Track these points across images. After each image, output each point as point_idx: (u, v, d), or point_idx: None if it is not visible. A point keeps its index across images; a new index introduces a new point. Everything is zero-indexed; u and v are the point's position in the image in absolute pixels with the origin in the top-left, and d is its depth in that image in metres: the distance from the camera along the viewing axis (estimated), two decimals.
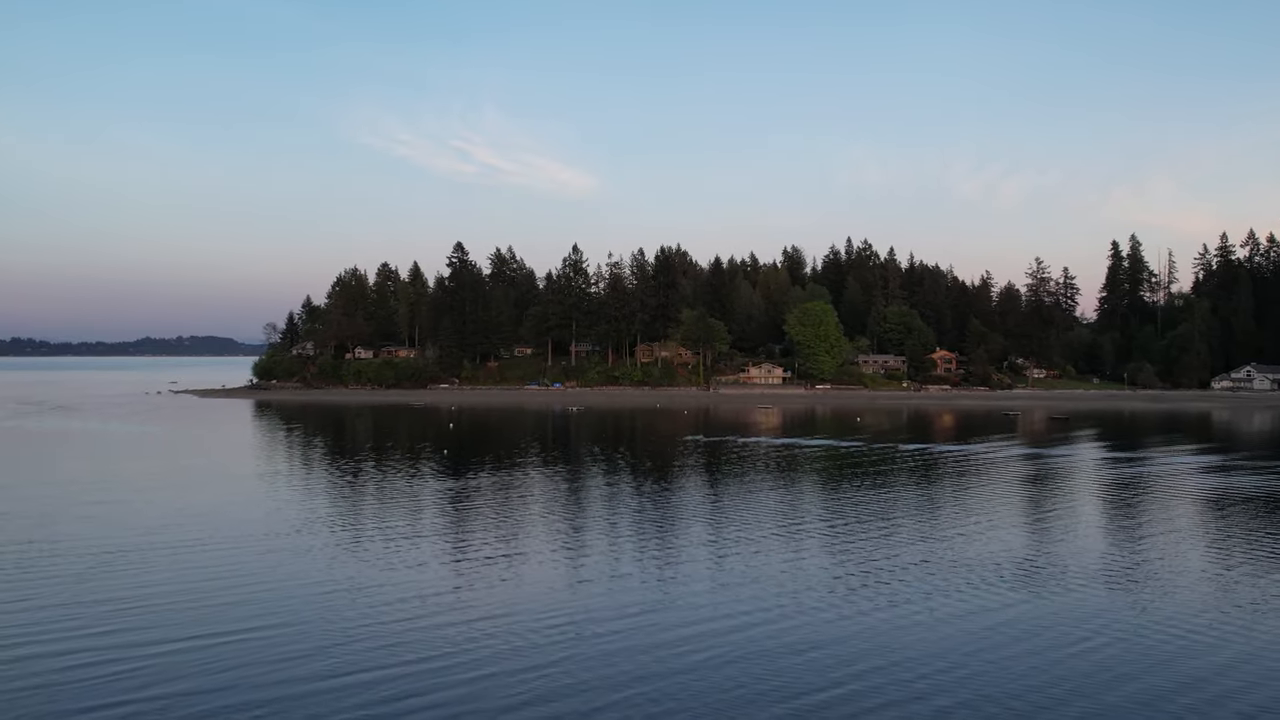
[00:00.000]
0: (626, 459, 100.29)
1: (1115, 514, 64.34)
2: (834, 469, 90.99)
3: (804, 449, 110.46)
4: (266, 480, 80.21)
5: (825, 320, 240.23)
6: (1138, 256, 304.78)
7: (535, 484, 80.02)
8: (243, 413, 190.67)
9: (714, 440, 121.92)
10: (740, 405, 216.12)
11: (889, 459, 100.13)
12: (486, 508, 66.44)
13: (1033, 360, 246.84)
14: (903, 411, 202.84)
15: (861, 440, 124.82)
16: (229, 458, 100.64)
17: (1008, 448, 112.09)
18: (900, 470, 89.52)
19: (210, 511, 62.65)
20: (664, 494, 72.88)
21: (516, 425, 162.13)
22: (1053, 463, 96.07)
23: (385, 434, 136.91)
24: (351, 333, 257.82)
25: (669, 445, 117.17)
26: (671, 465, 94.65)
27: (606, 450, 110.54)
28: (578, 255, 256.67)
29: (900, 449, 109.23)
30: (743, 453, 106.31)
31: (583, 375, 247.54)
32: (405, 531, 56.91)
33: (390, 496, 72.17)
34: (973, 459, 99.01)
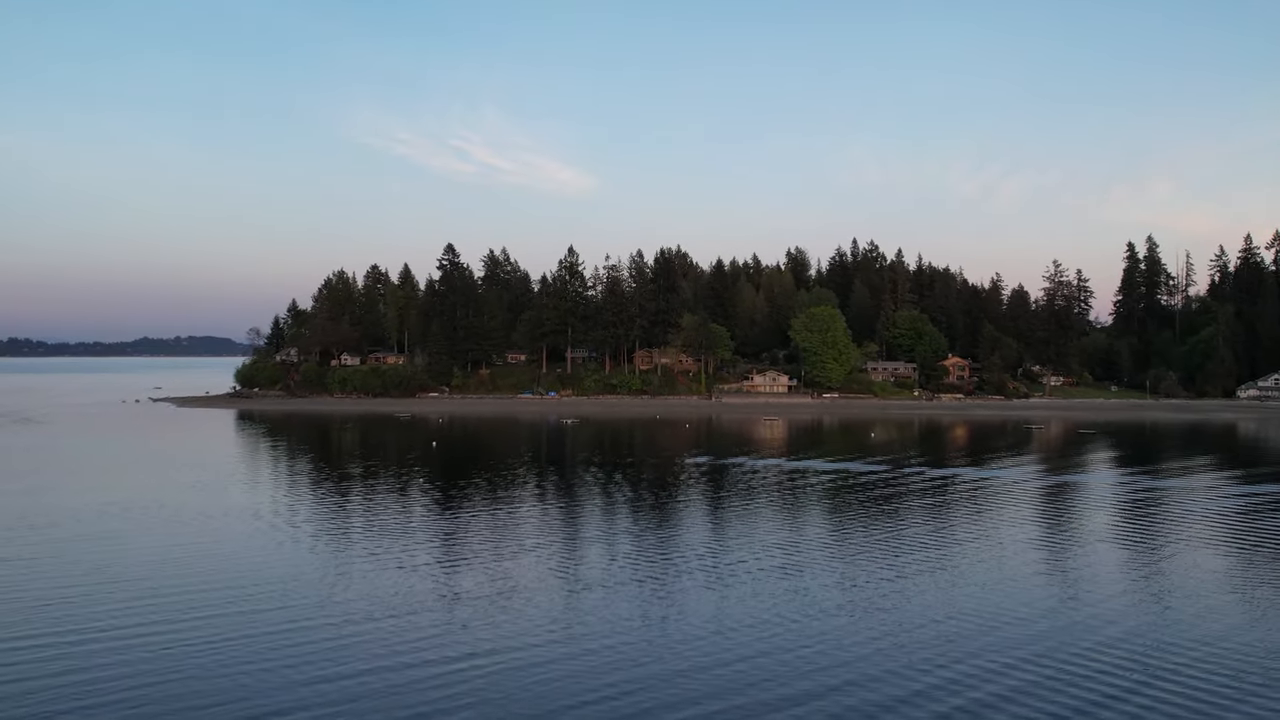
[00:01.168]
0: (623, 489, 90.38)
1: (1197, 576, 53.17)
2: (847, 503, 79.90)
3: (813, 476, 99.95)
4: (220, 522, 69.66)
5: (833, 326, 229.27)
6: (1154, 258, 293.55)
7: (522, 520, 71.99)
8: (216, 425, 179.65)
9: (716, 464, 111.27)
10: (744, 415, 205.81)
11: (908, 488, 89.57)
12: (467, 549, 60.86)
13: (1049, 368, 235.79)
14: (916, 423, 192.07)
15: (876, 462, 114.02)
16: (170, 494, 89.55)
17: (1038, 473, 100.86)
18: (922, 502, 78.64)
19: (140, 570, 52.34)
20: (661, 539, 63.60)
21: (507, 441, 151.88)
22: (1093, 493, 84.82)
23: (362, 453, 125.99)
24: (337, 339, 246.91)
25: (668, 468, 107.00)
26: (670, 498, 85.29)
27: (602, 476, 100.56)
28: (573, 258, 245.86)
29: (921, 476, 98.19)
30: (746, 482, 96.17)
31: (579, 383, 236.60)
32: (385, 585, 51.03)
33: (350, 537, 64.22)
34: (1004, 488, 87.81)
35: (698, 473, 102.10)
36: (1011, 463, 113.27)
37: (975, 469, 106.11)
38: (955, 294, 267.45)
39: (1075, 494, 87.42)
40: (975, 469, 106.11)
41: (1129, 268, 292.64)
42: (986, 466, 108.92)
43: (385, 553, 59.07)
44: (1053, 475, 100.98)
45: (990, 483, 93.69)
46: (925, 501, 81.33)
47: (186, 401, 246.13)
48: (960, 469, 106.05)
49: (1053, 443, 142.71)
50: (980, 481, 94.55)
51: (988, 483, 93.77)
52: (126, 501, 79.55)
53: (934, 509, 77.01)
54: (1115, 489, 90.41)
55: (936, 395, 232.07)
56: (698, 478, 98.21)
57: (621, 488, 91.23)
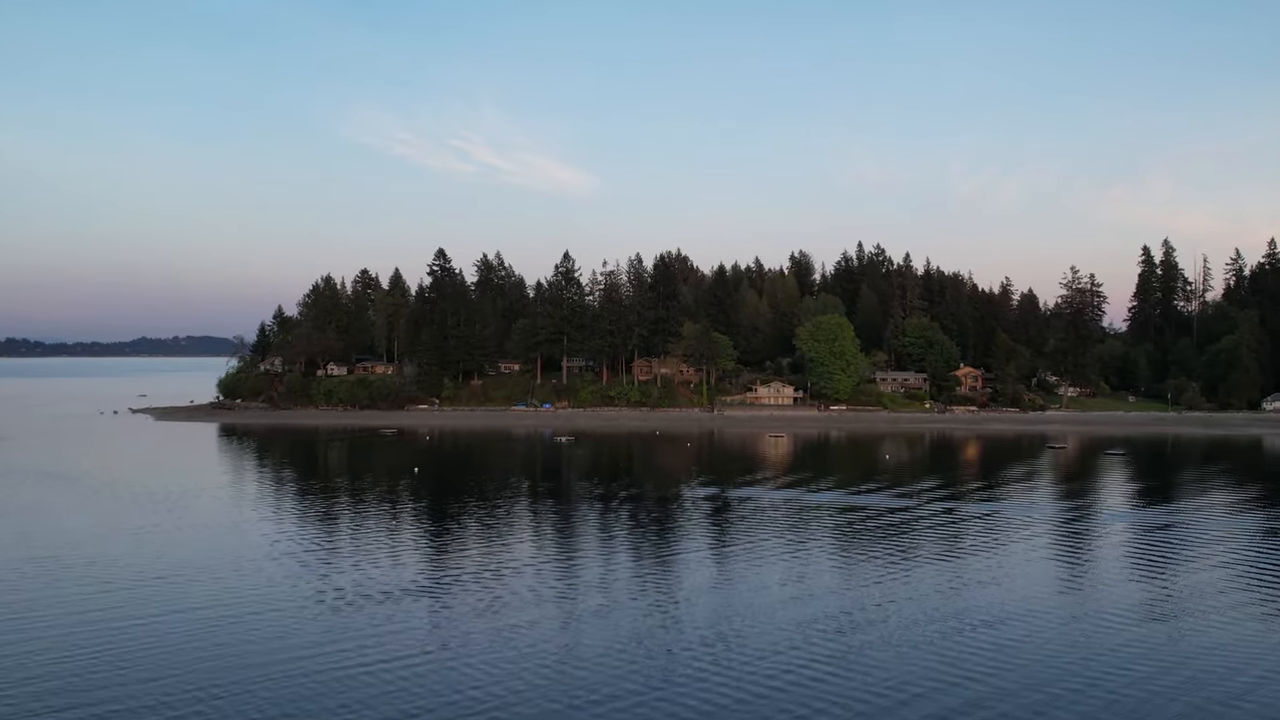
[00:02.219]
0: (619, 532, 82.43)
1: None
2: (860, 557, 69.78)
3: (821, 515, 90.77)
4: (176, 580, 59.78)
5: (840, 335, 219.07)
6: (1170, 262, 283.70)
7: (512, 573, 65.38)
8: (191, 443, 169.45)
9: (718, 497, 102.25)
10: (748, 429, 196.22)
11: (928, 534, 79.99)
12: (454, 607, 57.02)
13: (1066, 378, 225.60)
14: (928, 439, 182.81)
15: (890, 492, 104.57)
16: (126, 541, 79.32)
17: (1083, 512, 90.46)
18: (946, 553, 68.43)
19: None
20: (659, 604, 55.69)
21: (498, 464, 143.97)
22: (1155, 539, 74.39)
23: (341, 481, 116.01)
24: (322, 348, 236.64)
25: (669, 503, 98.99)
26: (668, 532, 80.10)
27: (598, 513, 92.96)
28: (569, 263, 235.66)
29: (943, 517, 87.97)
30: (749, 518, 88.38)
31: (575, 395, 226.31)
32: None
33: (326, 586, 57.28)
34: (1040, 536, 77.31)
35: (699, 510, 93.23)
36: (1039, 497, 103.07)
37: (999, 503, 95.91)
38: (966, 301, 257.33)
39: (1125, 555, 77.05)
40: (999, 503, 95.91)
41: (1144, 273, 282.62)
42: (1012, 499, 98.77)
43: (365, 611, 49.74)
44: (1087, 517, 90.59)
45: (1021, 527, 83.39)
46: (949, 554, 71.09)
47: (166, 413, 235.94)
48: (983, 504, 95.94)
49: (1079, 468, 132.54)
50: (1010, 525, 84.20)
51: (1018, 527, 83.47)
52: (41, 553, 69.54)
53: (959, 570, 66.70)
54: (1170, 542, 80.00)
55: (949, 407, 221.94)
56: (698, 517, 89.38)
57: (618, 530, 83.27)
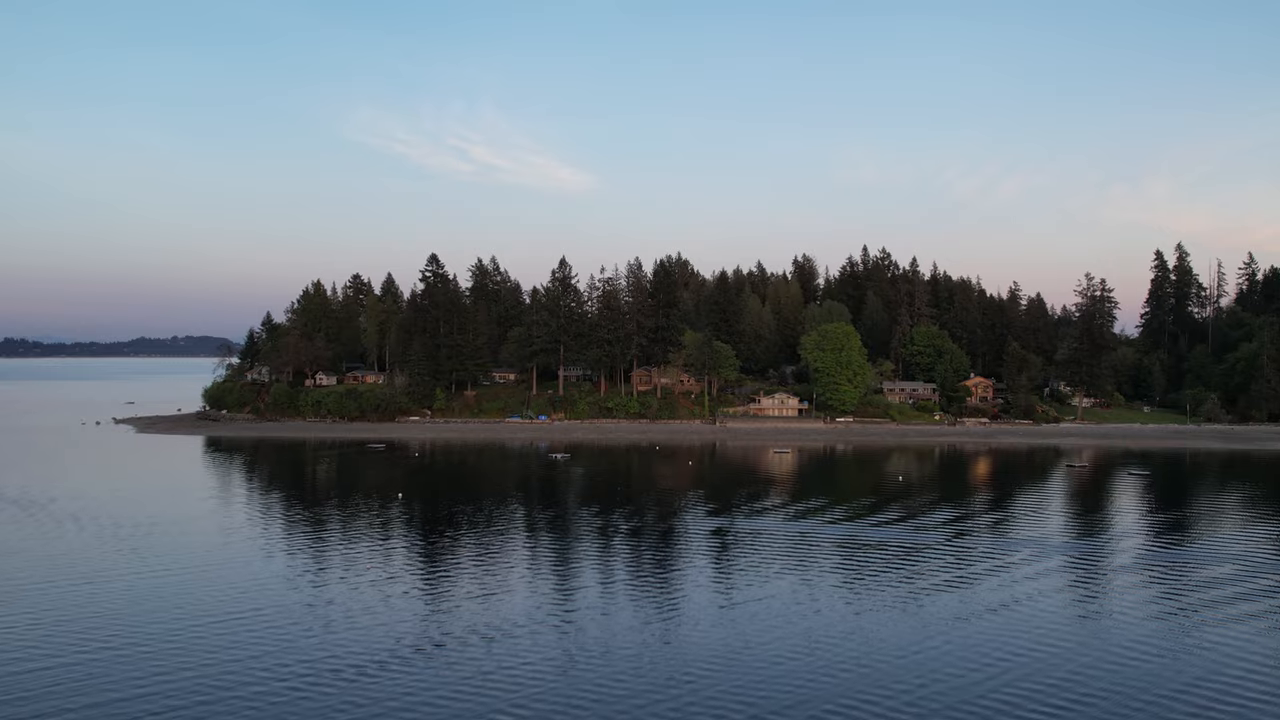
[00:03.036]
0: (617, 557, 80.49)
1: None
2: (871, 605, 61.88)
3: (832, 551, 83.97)
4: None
5: (847, 344, 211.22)
6: (1185, 267, 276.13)
7: (500, 604, 63.66)
8: (166, 458, 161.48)
9: (720, 526, 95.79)
10: (751, 442, 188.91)
11: (939, 569, 73.15)
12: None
13: (1080, 388, 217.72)
14: (938, 453, 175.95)
15: (902, 522, 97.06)
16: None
17: (1112, 552, 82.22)
18: (959, 606, 59.31)
19: None
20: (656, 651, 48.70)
21: (490, 483, 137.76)
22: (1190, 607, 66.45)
23: (322, 502, 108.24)
24: (310, 358, 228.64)
25: (667, 527, 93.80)
26: (667, 573, 74.86)
27: (593, 538, 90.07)
28: (566, 270, 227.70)
29: (960, 553, 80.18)
30: (753, 555, 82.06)
31: (572, 406, 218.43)
32: None
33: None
34: (1074, 583, 69.57)
35: (701, 547, 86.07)
36: (1061, 534, 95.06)
37: (1017, 543, 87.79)
38: (976, 307, 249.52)
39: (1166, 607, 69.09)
40: (1017, 543, 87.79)
41: (1157, 278, 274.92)
42: (1031, 537, 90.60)
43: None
44: (1117, 561, 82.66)
45: (1044, 575, 75.42)
46: (965, 616, 63.23)
47: (149, 425, 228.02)
48: (999, 543, 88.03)
49: (1101, 493, 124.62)
50: (1032, 575, 76.17)
51: (1042, 576, 75.52)
52: None
53: (974, 634, 58.85)
54: (1211, 588, 72.08)
55: (959, 419, 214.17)
56: (700, 555, 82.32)
57: (615, 561, 79.44)
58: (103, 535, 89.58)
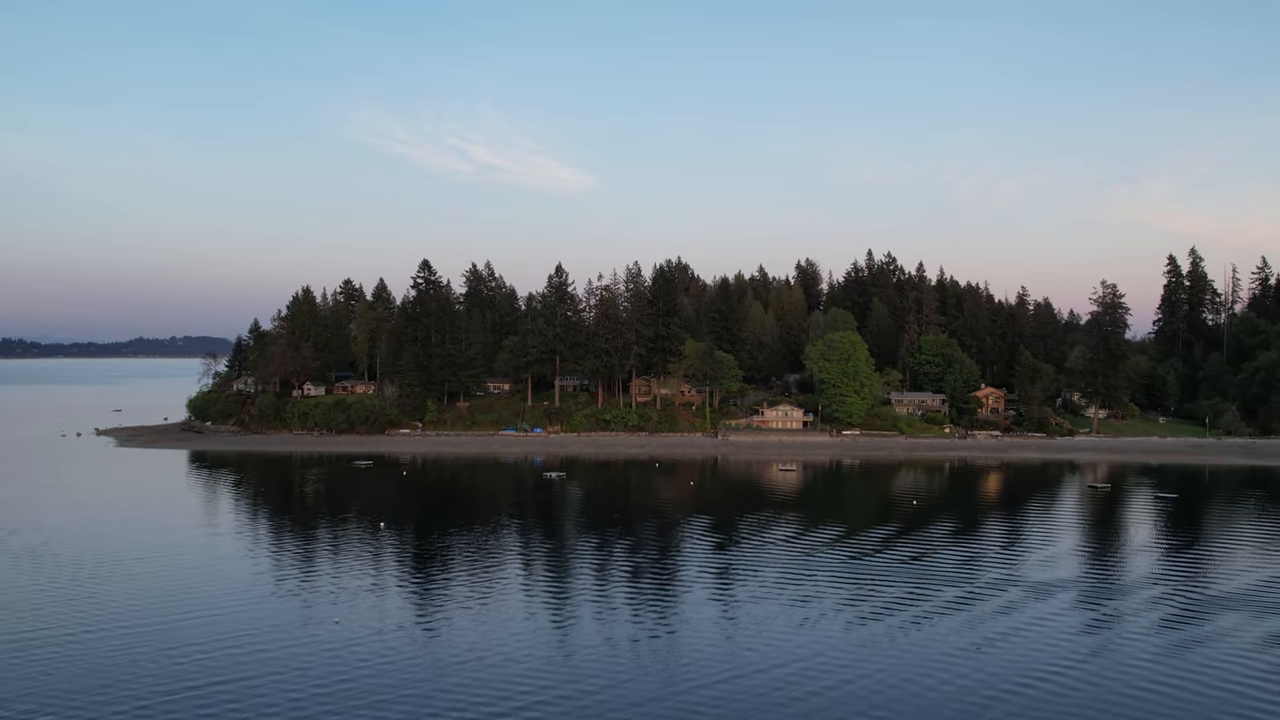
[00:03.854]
0: (613, 596, 76.70)
1: None
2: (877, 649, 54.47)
3: (835, 579, 78.02)
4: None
5: (854, 355, 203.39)
6: (1199, 273, 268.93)
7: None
8: (139, 477, 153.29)
9: (720, 555, 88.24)
10: (754, 456, 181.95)
11: (956, 601, 64.74)
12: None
13: (1095, 399, 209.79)
14: (950, 469, 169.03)
15: (919, 547, 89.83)
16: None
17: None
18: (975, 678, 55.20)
19: None
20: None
21: (481, 501, 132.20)
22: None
23: (303, 524, 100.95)
24: (297, 368, 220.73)
25: (668, 559, 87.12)
26: (664, 599, 68.85)
27: (589, 566, 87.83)
28: (562, 277, 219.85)
29: (986, 585, 72.38)
30: (753, 585, 79.22)
31: (568, 419, 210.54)
32: None
33: None
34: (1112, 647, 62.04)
35: (701, 573, 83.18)
36: (1079, 563, 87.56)
37: (1035, 573, 79.98)
38: (985, 314, 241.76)
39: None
40: (1035, 573, 79.98)
41: (1170, 283, 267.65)
42: (1049, 568, 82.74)
43: None
44: (1147, 595, 74.87)
45: (1054, 613, 67.78)
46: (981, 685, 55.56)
47: (132, 436, 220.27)
48: (1017, 574, 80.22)
49: (1129, 523, 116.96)
50: (1048, 609, 68.56)
51: (1053, 612, 67.82)
52: None
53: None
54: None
55: (970, 432, 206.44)
56: (701, 581, 79.37)
57: (613, 595, 77.08)
58: (59, 578, 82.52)
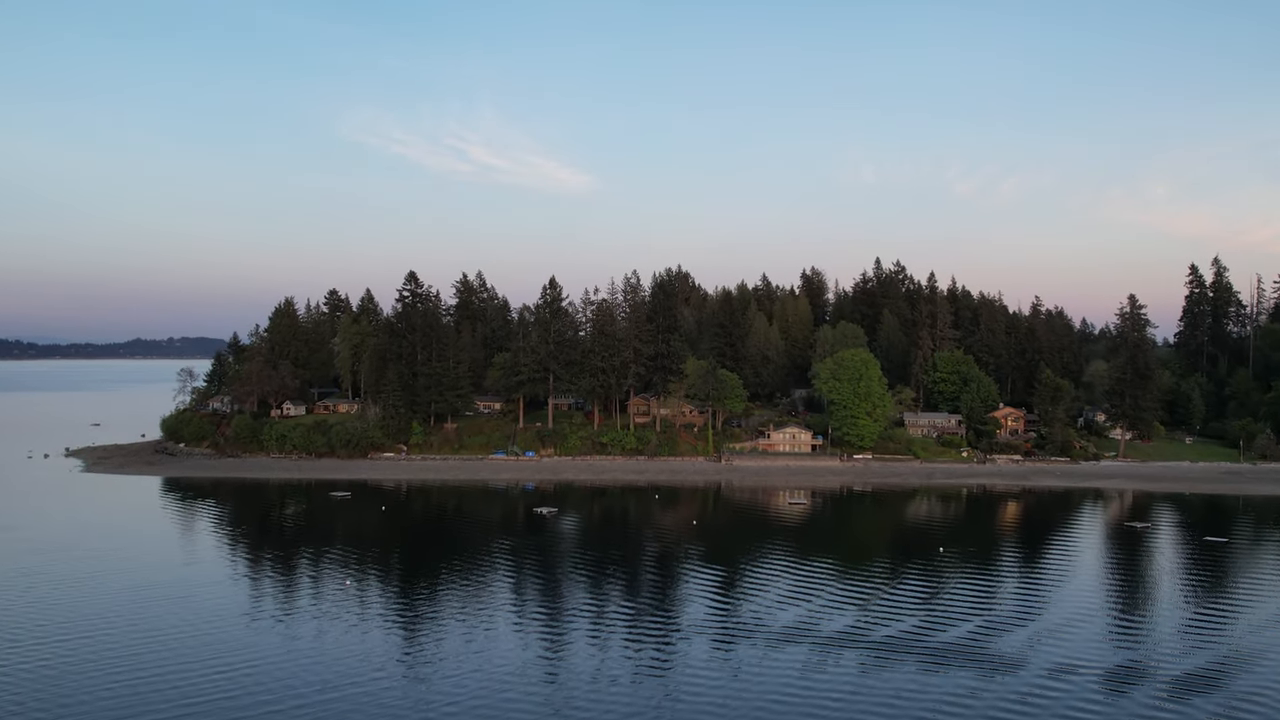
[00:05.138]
0: (613, 640, 69.76)
1: None
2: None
3: (844, 640, 66.93)
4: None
5: (866, 374, 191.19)
6: (1223, 284, 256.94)
7: None
8: (110, 508, 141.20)
9: (723, 601, 75.73)
10: (760, 483, 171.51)
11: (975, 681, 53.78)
12: None
13: (1123, 421, 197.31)
14: (968, 497, 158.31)
15: (935, 603, 77.16)
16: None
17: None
18: None
19: None
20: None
21: (467, 541, 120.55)
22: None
23: (262, 567, 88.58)
24: (275, 387, 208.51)
25: (667, 605, 76.17)
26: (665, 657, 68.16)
27: (585, 619, 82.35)
28: (556, 291, 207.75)
29: (1008, 664, 60.63)
30: (757, 637, 68.37)
31: (562, 441, 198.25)
32: None
33: None
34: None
35: (704, 626, 74.68)
36: (1135, 642, 75.23)
37: (1071, 652, 67.87)
38: (1002, 329, 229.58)
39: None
40: (1071, 652, 67.87)
41: (1193, 295, 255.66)
42: (1089, 647, 70.36)
43: None
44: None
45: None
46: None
47: (102, 459, 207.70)
48: (1050, 652, 68.26)
49: (1172, 569, 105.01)
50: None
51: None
52: None
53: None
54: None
55: (989, 456, 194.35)
56: (703, 632, 69.05)
57: (608, 647, 72.99)
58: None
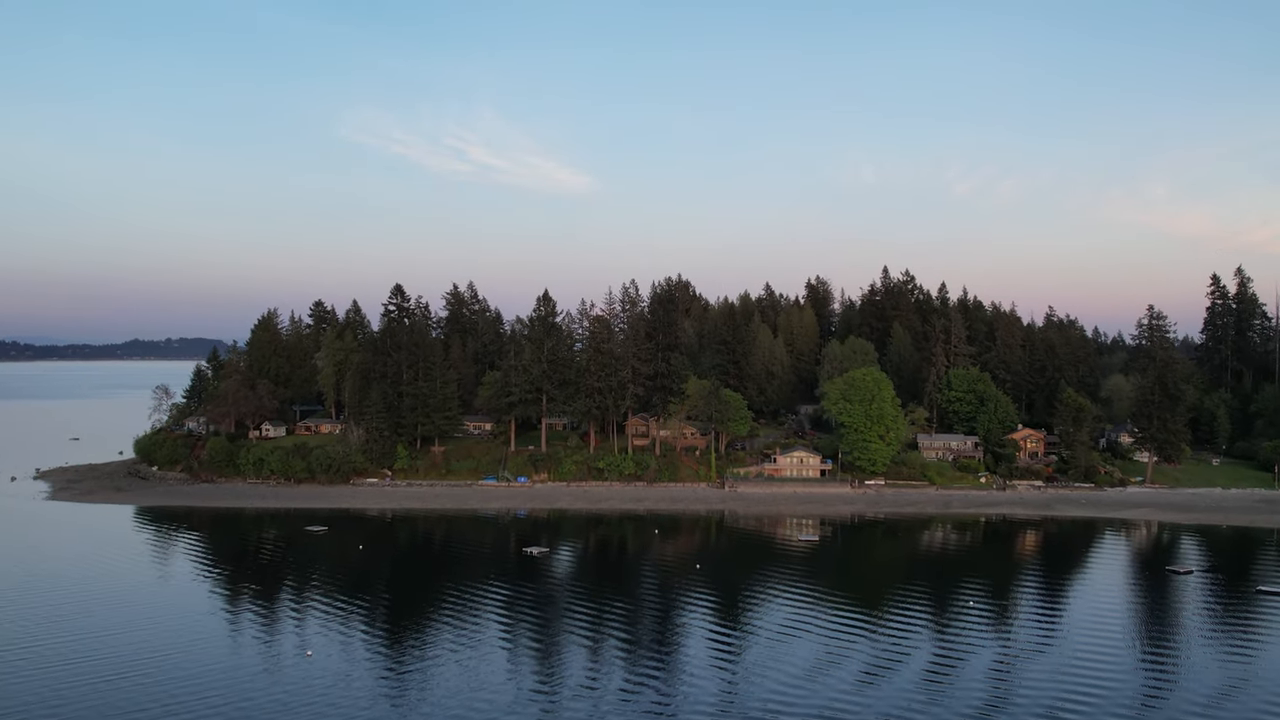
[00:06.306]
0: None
1: None
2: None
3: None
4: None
5: (878, 395, 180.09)
6: (1247, 294, 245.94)
7: None
8: (65, 546, 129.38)
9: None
10: (765, 511, 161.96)
11: None
12: None
13: (1151, 446, 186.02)
14: (990, 529, 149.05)
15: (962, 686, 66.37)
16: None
17: None
18: None
19: None
20: None
21: (450, 583, 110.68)
22: None
23: (224, 613, 77.19)
24: (252, 409, 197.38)
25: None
26: None
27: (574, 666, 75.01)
28: (549, 306, 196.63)
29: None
30: None
31: (556, 466, 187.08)
32: None
33: None
34: None
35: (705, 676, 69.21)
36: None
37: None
38: (1019, 344, 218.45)
39: None
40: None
41: (1216, 307, 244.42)
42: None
43: None
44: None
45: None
46: None
47: (70, 483, 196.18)
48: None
49: (1224, 623, 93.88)
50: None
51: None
52: None
53: None
54: None
55: (1010, 482, 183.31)
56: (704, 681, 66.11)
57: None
58: None
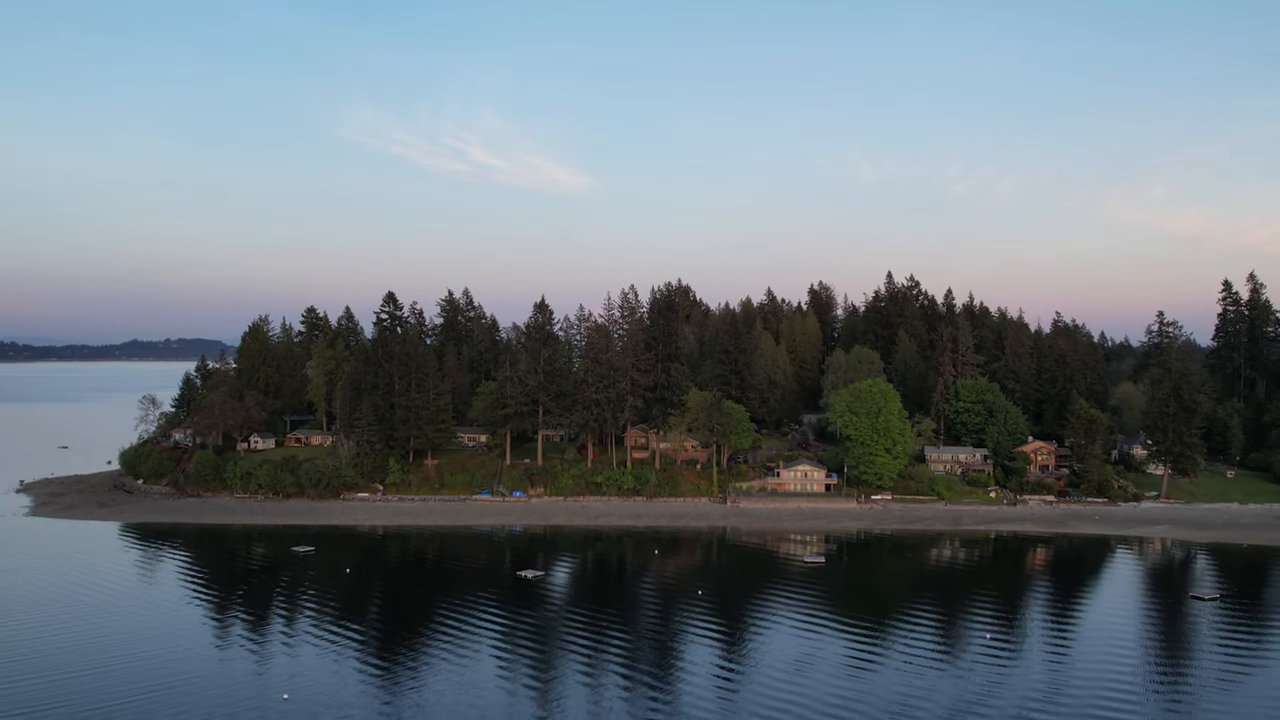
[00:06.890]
0: None
1: None
2: None
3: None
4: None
5: (885, 406, 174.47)
6: (1260, 301, 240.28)
7: None
8: (41, 569, 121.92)
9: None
10: (769, 527, 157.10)
11: None
12: None
13: (1167, 460, 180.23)
14: (1003, 545, 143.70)
15: None
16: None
17: None
18: None
19: None
20: None
21: (440, 610, 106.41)
22: None
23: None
24: (239, 421, 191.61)
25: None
26: None
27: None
28: (546, 314, 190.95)
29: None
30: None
31: (553, 480, 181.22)
32: None
33: None
34: None
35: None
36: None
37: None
38: (1028, 352, 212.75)
39: None
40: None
41: (1228, 314, 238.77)
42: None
43: None
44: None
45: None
46: None
47: (52, 498, 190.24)
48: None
49: (1258, 658, 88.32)
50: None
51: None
52: None
53: None
54: None
55: (1020, 497, 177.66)
56: None
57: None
58: None
